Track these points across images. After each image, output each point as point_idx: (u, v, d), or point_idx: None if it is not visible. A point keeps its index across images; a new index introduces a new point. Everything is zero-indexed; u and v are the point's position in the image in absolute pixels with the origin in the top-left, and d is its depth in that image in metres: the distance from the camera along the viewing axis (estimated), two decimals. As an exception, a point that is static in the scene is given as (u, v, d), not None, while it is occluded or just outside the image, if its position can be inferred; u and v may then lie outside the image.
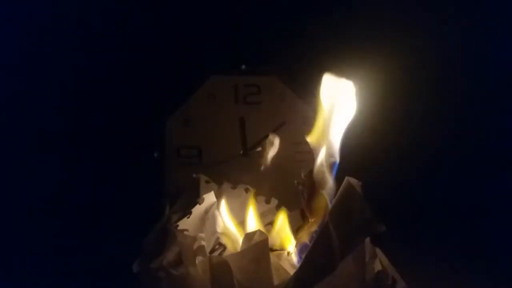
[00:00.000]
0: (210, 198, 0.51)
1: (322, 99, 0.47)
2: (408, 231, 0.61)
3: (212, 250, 0.50)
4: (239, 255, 0.44)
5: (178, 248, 0.45)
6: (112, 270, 0.58)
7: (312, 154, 0.48)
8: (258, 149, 0.62)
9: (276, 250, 0.50)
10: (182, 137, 0.62)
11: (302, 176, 0.49)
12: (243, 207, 0.53)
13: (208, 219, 0.52)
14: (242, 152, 0.63)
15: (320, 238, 0.40)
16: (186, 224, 0.48)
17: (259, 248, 0.43)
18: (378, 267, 0.44)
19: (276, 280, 0.43)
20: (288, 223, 0.51)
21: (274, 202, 0.57)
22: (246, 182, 0.56)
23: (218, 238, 0.51)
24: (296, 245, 0.49)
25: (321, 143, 0.47)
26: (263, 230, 0.48)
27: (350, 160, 0.47)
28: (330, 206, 0.45)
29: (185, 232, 0.47)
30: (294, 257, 0.49)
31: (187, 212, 0.49)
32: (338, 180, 0.47)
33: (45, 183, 0.63)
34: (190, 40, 0.64)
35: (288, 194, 0.55)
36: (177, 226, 0.47)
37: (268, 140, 0.59)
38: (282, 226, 0.51)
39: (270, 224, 0.54)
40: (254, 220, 0.52)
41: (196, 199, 0.50)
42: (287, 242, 0.51)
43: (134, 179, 0.63)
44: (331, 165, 0.47)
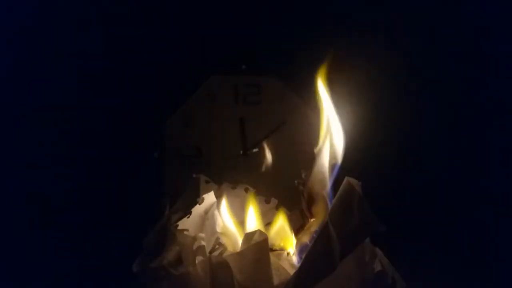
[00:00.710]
0: (210, 198, 0.51)
1: (322, 101, 0.47)
2: (408, 231, 0.61)
3: (212, 250, 0.49)
4: (239, 255, 0.44)
5: (178, 248, 0.45)
6: (112, 270, 0.58)
7: (312, 154, 0.48)
8: (258, 149, 0.62)
9: (276, 250, 0.50)
10: (182, 137, 0.62)
11: (302, 176, 0.49)
12: (243, 207, 0.53)
13: (208, 219, 0.52)
14: (242, 152, 0.63)
15: (320, 238, 0.40)
16: (186, 224, 0.48)
17: (259, 248, 0.43)
18: (378, 267, 0.44)
19: (276, 280, 0.43)
20: (288, 223, 0.51)
21: (274, 202, 0.57)
22: (246, 182, 0.56)
23: (218, 238, 0.50)
24: (296, 245, 0.49)
25: (322, 144, 0.47)
26: (263, 230, 0.48)
27: (350, 160, 0.47)
28: (330, 206, 0.45)
29: (185, 232, 0.47)
30: (294, 257, 0.49)
31: (187, 212, 0.49)
32: (338, 180, 0.47)
33: (45, 183, 0.63)
34: (190, 40, 0.64)
35: (288, 194, 0.55)
36: (177, 226, 0.47)
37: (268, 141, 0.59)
38: (282, 226, 0.51)
39: (269, 224, 0.54)
40: (254, 219, 0.52)
41: (196, 199, 0.50)
42: (287, 242, 0.51)
43: (134, 179, 0.63)
44: (333, 166, 0.47)
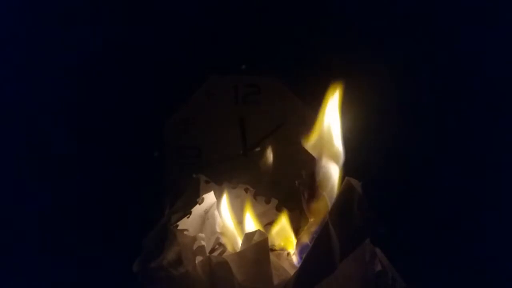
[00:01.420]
0: (210, 198, 0.51)
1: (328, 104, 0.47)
2: (408, 231, 0.61)
3: (212, 250, 0.50)
4: (239, 255, 0.44)
5: (178, 248, 0.45)
6: (112, 270, 0.58)
7: (312, 154, 0.48)
8: (258, 149, 0.62)
9: (276, 250, 0.50)
10: (182, 137, 0.62)
11: (303, 176, 0.50)
12: (243, 207, 0.53)
13: (208, 219, 0.52)
14: (242, 152, 0.63)
15: (320, 238, 0.40)
16: (186, 224, 0.48)
17: (259, 248, 0.43)
18: (378, 267, 0.44)
19: (276, 280, 0.43)
20: (288, 223, 0.51)
21: (274, 202, 0.57)
22: (246, 182, 0.56)
23: (218, 238, 0.51)
24: (296, 245, 0.49)
25: (323, 144, 0.47)
26: (262, 230, 0.48)
27: (350, 160, 0.47)
28: (330, 206, 0.45)
29: (185, 232, 0.47)
30: (294, 257, 0.49)
31: (187, 212, 0.49)
32: (338, 180, 0.47)
33: (44, 183, 0.63)
34: (190, 40, 0.64)
35: (288, 194, 0.55)
36: (177, 226, 0.47)
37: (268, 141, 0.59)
38: (282, 226, 0.51)
39: (270, 224, 0.54)
40: (251, 222, 0.52)
41: (196, 199, 0.50)
42: (287, 242, 0.51)
43: (134, 179, 0.63)
44: (334, 166, 0.47)
